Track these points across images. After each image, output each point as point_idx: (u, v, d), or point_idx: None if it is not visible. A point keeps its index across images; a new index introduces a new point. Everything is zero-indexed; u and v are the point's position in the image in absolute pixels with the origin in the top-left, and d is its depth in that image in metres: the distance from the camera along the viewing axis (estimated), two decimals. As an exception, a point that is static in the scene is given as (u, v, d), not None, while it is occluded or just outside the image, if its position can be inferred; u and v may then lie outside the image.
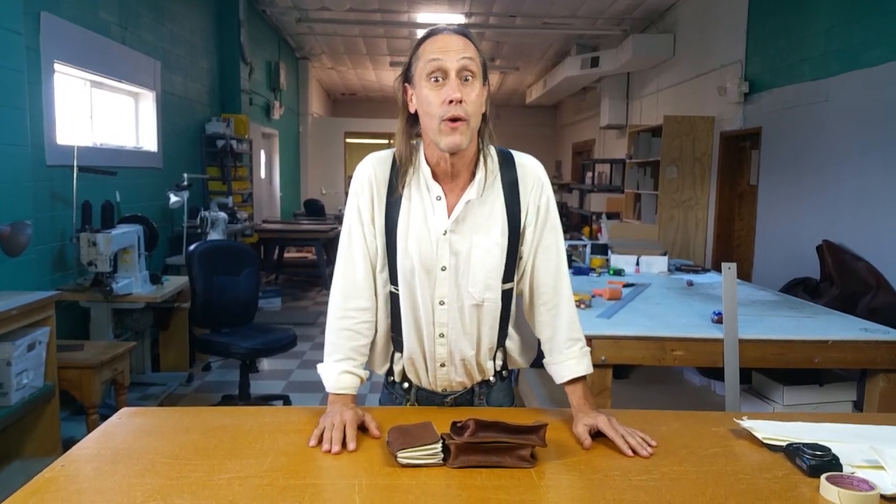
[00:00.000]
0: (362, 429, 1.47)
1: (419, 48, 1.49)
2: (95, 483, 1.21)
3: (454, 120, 1.43)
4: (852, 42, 4.80)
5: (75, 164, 4.32)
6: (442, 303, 1.56)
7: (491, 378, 1.67)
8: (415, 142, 1.58)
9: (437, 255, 1.53)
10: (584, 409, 1.51)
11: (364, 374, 1.62)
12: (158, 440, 1.40)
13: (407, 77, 1.53)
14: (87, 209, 4.32)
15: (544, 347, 1.64)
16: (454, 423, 1.35)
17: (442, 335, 1.58)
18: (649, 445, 1.40)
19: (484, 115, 1.52)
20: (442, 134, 1.45)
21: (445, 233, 1.53)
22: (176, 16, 6.60)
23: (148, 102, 6.05)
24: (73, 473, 1.24)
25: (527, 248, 1.60)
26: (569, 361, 1.58)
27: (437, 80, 1.45)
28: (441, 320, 1.57)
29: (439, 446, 1.31)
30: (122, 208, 5.11)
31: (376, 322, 1.65)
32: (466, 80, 1.45)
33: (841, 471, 1.26)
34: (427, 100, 1.46)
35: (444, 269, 1.54)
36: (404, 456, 1.29)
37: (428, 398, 1.67)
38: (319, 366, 1.64)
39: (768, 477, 1.27)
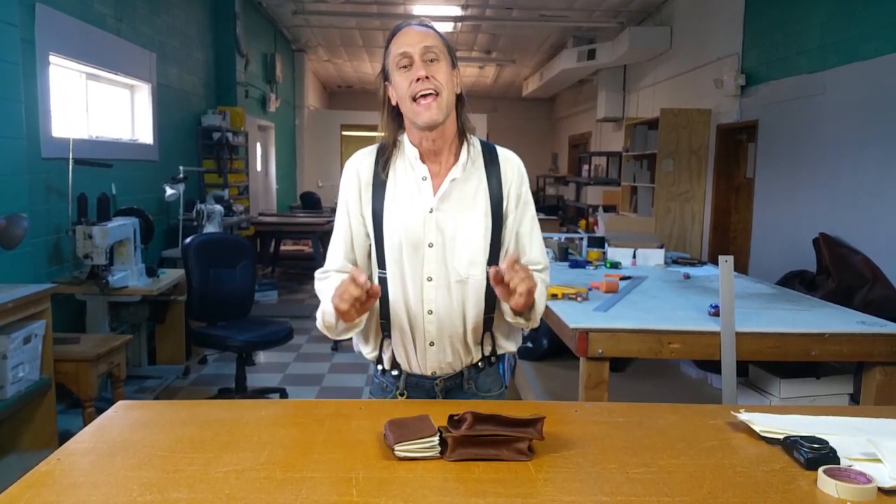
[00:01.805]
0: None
1: (389, 45, 1.63)
2: (91, 476, 1.20)
3: (425, 96, 1.56)
4: (849, 34, 4.79)
5: (71, 156, 4.29)
6: (430, 279, 1.63)
7: (479, 362, 1.72)
8: (400, 136, 1.69)
9: (423, 231, 1.61)
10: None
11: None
12: (155, 433, 1.40)
13: (385, 74, 1.66)
14: (82, 202, 4.31)
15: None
16: (451, 417, 1.35)
17: (430, 312, 1.64)
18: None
19: (460, 96, 1.65)
20: (417, 113, 1.57)
21: (431, 210, 1.62)
22: (171, 7, 6.57)
23: (143, 95, 6.03)
24: (68, 467, 1.24)
25: (507, 234, 1.68)
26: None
27: (405, 67, 1.59)
28: (429, 297, 1.63)
29: (437, 439, 1.31)
30: (118, 201, 5.10)
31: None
32: (432, 61, 1.58)
33: (838, 464, 1.26)
34: (399, 85, 1.60)
35: (430, 245, 1.62)
36: (402, 449, 1.29)
37: (417, 384, 1.71)
38: (319, 310, 1.64)
39: (766, 470, 1.27)
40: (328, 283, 1.67)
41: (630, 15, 9.25)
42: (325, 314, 1.61)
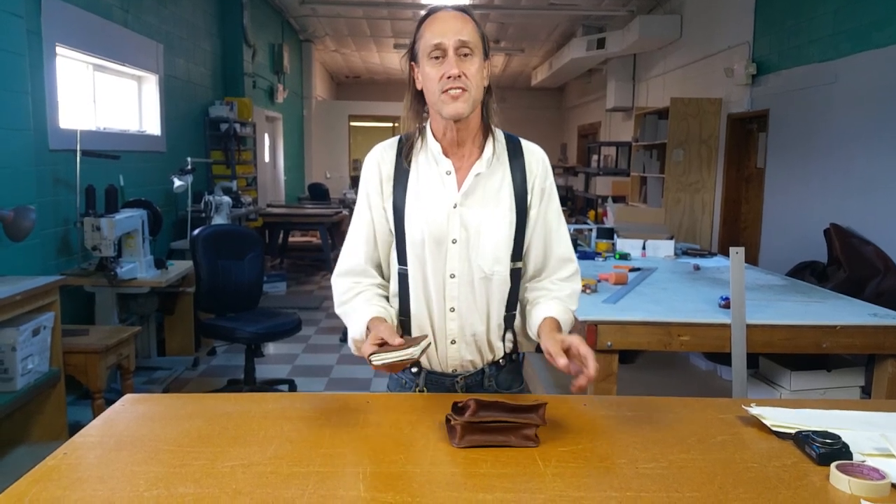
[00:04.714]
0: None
1: (420, 27, 1.57)
2: (98, 471, 1.20)
3: (454, 89, 1.51)
4: (862, 22, 4.74)
5: (78, 148, 4.30)
6: (453, 276, 1.59)
7: (501, 360, 1.68)
8: (424, 124, 1.65)
9: (447, 227, 1.58)
10: (556, 330, 1.53)
11: (390, 307, 1.63)
12: (162, 427, 1.39)
13: (412, 55, 1.60)
14: (90, 193, 4.31)
15: (528, 310, 1.67)
16: (455, 404, 1.36)
17: (453, 309, 1.61)
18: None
19: (488, 89, 1.60)
20: (444, 104, 1.53)
21: (455, 206, 1.58)
22: (178, -2, 6.56)
23: (151, 86, 6.02)
24: (75, 461, 1.24)
25: (529, 229, 1.65)
26: (552, 304, 1.63)
27: (437, 58, 1.52)
28: (452, 294, 1.60)
29: (416, 350, 1.35)
30: (126, 192, 5.10)
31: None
32: (465, 55, 1.52)
33: (851, 459, 1.24)
34: (429, 76, 1.54)
35: (454, 241, 1.58)
36: (378, 358, 1.35)
37: (437, 381, 1.68)
38: (349, 338, 1.63)
39: (777, 465, 1.26)
40: (354, 310, 1.62)
41: (640, 3, 9.17)
42: (355, 341, 1.61)
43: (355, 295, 1.64)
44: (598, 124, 12.80)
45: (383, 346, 1.41)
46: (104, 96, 5.36)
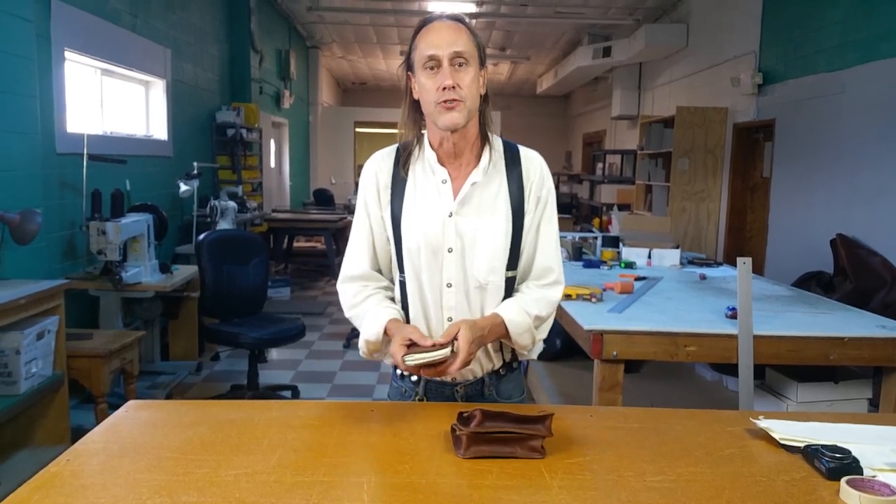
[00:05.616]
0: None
1: (416, 38, 1.59)
2: (101, 478, 1.19)
3: (449, 101, 1.51)
4: (869, 33, 4.73)
5: (85, 152, 4.30)
6: (449, 285, 1.59)
7: (500, 369, 1.68)
8: (423, 131, 1.65)
9: (443, 236, 1.58)
10: (477, 323, 1.52)
11: (400, 310, 1.64)
12: (165, 434, 1.39)
13: (409, 65, 1.61)
14: (96, 198, 4.32)
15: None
16: (461, 414, 1.35)
17: (450, 319, 1.60)
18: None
19: (485, 97, 1.60)
20: (439, 114, 1.53)
21: (451, 215, 1.58)
22: (186, 3, 6.57)
23: (158, 91, 6.04)
24: (78, 468, 1.23)
25: (524, 237, 1.64)
26: (510, 304, 1.60)
27: (432, 69, 1.53)
28: (449, 303, 1.60)
29: (447, 351, 1.38)
30: (132, 197, 5.10)
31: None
32: (460, 65, 1.53)
33: (861, 474, 1.22)
34: (424, 87, 1.55)
35: (450, 250, 1.58)
36: (412, 359, 1.38)
37: (437, 390, 1.67)
38: (360, 340, 1.63)
39: (786, 479, 1.25)
40: (366, 311, 1.63)
41: (646, 12, 9.18)
42: (368, 343, 1.61)
43: (365, 298, 1.65)
44: (603, 132, 12.80)
45: (411, 346, 1.45)
46: (111, 101, 5.38)
